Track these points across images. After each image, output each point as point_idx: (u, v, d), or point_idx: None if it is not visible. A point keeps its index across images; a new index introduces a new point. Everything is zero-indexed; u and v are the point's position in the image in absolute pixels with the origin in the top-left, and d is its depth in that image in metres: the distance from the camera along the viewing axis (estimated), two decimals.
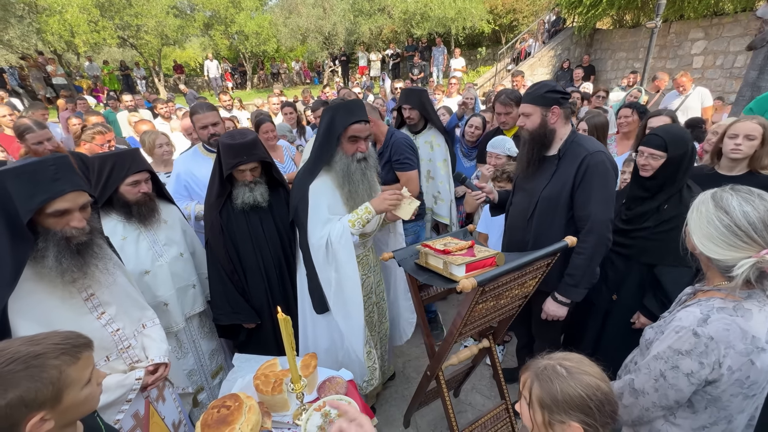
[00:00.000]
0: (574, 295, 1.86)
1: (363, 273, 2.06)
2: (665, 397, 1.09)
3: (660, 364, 1.08)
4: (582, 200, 1.78)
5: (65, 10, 12.76)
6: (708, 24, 8.39)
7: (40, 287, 1.24)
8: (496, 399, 2.53)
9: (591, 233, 1.77)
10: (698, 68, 8.72)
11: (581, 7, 10.21)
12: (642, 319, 1.93)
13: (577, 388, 0.89)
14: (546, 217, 1.88)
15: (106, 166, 1.70)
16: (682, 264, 1.78)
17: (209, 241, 2.04)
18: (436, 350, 1.82)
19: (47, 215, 1.21)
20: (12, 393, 0.76)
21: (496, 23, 13.53)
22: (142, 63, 16.92)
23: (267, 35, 16.88)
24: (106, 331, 1.39)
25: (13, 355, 0.79)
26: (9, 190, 1.14)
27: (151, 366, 1.49)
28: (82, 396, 0.88)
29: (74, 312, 1.31)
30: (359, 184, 1.89)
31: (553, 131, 1.84)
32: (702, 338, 1.00)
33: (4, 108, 4.48)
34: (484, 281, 1.33)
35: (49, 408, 0.82)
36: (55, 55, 14.52)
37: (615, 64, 10.72)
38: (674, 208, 1.78)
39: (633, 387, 1.17)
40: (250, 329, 2.15)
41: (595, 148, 1.79)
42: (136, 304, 1.56)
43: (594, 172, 1.74)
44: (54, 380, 0.81)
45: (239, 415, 1.28)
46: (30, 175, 1.17)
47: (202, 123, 2.45)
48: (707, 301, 1.07)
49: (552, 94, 1.78)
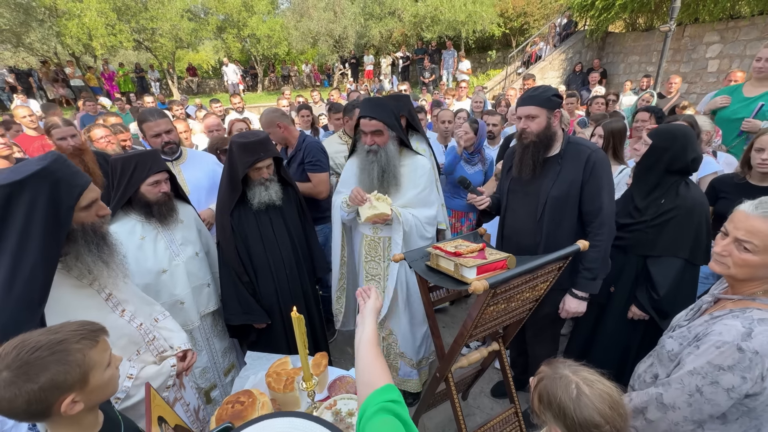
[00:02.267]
0: (593, 288, 1.90)
1: (366, 254, 2.34)
2: (699, 411, 1.07)
3: (697, 380, 1.06)
4: (592, 194, 1.84)
5: (84, 14, 13.10)
6: (724, 27, 8.25)
7: (67, 292, 1.25)
8: (504, 403, 2.53)
9: (603, 225, 1.83)
10: (713, 72, 8.57)
11: (593, 10, 10.13)
12: (635, 310, 2.03)
13: (594, 414, 0.89)
14: (555, 216, 1.92)
15: (130, 166, 1.75)
16: (672, 254, 1.89)
17: (220, 242, 2.08)
18: (445, 352, 1.83)
19: (81, 209, 1.20)
20: (44, 377, 0.81)
21: (506, 26, 13.48)
22: (157, 65, 17.27)
23: (278, 38, 17.11)
24: (132, 327, 1.43)
25: (36, 343, 0.83)
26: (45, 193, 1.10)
27: (180, 353, 1.56)
28: (106, 377, 0.93)
29: (100, 311, 1.34)
30: (366, 173, 2.16)
31: (555, 133, 1.90)
32: (747, 353, 0.98)
33: (25, 109, 4.64)
34: (495, 283, 1.34)
35: (78, 389, 0.86)
36: (73, 57, 14.89)
37: (627, 68, 10.60)
38: (671, 202, 1.88)
39: (662, 402, 1.14)
40: (260, 329, 2.19)
41: (594, 145, 1.90)
42: (144, 300, 1.61)
43: (601, 167, 1.82)
44: (80, 362, 0.86)
45: (253, 410, 1.30)
46: (58, 173, 1.14)
47: (154, 131, 2.38)
48: (743, 312, 1.04)
49: (556, 98, 1.85)
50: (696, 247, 1.86)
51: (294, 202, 2.24)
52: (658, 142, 1.89)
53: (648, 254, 1.95)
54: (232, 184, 1.99)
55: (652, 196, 1.92)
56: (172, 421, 1.15)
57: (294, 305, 2.10)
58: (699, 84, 8.81)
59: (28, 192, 1.07)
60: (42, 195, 1.08)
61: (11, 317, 1.06)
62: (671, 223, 1.87)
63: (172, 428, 1.12)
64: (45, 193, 1.09)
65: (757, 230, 1.02)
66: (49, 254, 1.12)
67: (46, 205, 1.09)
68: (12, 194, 1.06)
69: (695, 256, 1.88)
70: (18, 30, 12.50)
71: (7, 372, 0.79)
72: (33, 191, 1.07)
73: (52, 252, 1.12)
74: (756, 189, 2.05)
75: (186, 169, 2.55)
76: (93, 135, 3.02)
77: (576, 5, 10.59)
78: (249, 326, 2.16)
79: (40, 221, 1.08)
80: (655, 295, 1.91)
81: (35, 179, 1.08)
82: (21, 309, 1.07)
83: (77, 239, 1.21)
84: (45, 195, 1.09)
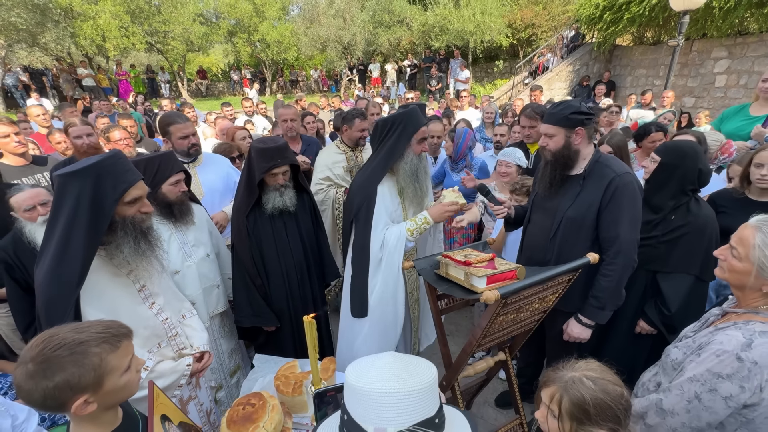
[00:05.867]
0: (599, 317, 1.82)
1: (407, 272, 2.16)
2: (697, 418, 1.09)
3: (696, 387, 1.08)
4: (609, 221, 1.75)
5: (98, 15, 13.37)
6: (732, 43, 8.27)
7: (104, 278, 1.33)
8: (508, 414, 2.52)
9: (619, 255, 1.73)
10: (721, 87, 8.58)
11: (601, 23, 10.19)
12: (642, 324, 2.01)
13: (606, 399, 0.92)
14: (570, 238, 1.86)
15: (154, 166, 1.80)
16: (683, 271, 1.88)
17: (235, 245, 2.11)
18: (452, 361, 1.84)
19: (124, 204, 1.30)
20: (59, 376, 0.83)
21: (514, 37, 13.58)
22: (167, 67, 17.52)
23: (288, 44, 17.36)
24: (158, 320, 1.48)
25: (61, 341, 0.86)
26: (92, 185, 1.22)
27: (197, 353, 1.59)
28: (122, 382, 0.95)
29: (132, 301, 1.41)
30: (422, 183, 2.07)
31: (577, 152, 1.81)
32: (746, 363, 1.00)
33: (39, 108, 4.73)
34: (507, 294, 1.35)
35: (92, 392, 0.88)
36: (86, 58, 15.15)
37: (634, 81, 10.63)
38: (682, 218, 1.87)
39: (661, 407, 1.17)
40: (269, 332, 2.20)
41: (622, 169, 1.76)
42: (176, 296, 1.66)
43: (623, 194, 1.71)
44: (95, 366, 0.88)
45: (263, 413, 1.31)
46: (108, 168, 1.25)
47: (183, 132, 2.43)
48: (746, 324, 1.07)
49: (577, 116, 1.74)
50: (706, 264, 1.85)
51: (308, 209, 2.26)
52: (666, 159, 1.88)
53: (659, 270, 1.94)
54: (249, 188, 2.03)
55: (663, 213, 1.91)
56: (176, 419, 1.16)
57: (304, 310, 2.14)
58: (706, 99, 8.82)
59: (77, 182, 1.21)
60: (88, 186, 1.21)
61: (54, 293, 1.21)
62: (683, 240, 1.86)
63: (176, 425, 1.14)
64: (90, 185, 1.22)
65: (744, 238, 1.08)
66: (91, 240, 1.23)
67: (92, 195, 1.22)
68: (65, 183, 1.21)
69: (705, 272, 1.87)
70: (34, 30, 12.74)
71: (32, 364, 0.83)
72: (81, 182, 1.21)
73: (93, 239, 1.24)
74: (755, 204, 2.05)
75: (201, 171, 2.59)
76: (112, 136, 3.08)
77: (584, 18, 10.66)
78: (258, 328, 2.18)
79: (85, 210, 1.21)
80: (666, 311, 1.90)
81: (84, 172, 1.21)
82: (62, 286, 1.21)
83: (117, 230, 1.30)
84: (90, 187, 1.22)
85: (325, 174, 2.99)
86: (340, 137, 3.19)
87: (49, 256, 1.21)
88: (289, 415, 1.49)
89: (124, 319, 1.35)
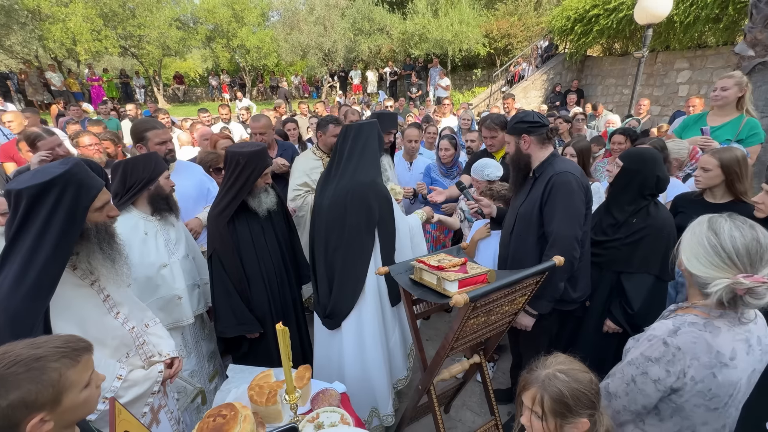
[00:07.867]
0: (539, 307, 1.95)
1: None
2: (634, 401, 1.16)
3: (632, 370, 1.16)
4: (548, 217, 1.91)
5: (68, 18, 12.92)
6: (692, 55, 8.78)
7: (69, 290, 1.30)
8: (486, 416, 2.55)
9: (552, 248, 1.86)
10: (683, 96, 9.06)
11: (573, 34, 10.61)
12: (609, 324, 2.10)
13: (580, 387, 0.99)
14: (522, 232, 2.02)
15: (151, 161, 1.92)
16: (645, 271, 1.99)
17: (216, 252, 2.05)
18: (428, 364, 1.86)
19: (95, 210, 1.30)
20: (13, 394, 0.79)
21: (491, 47, 13.94)
22: (142, 72, 17.07)
23: (268, 50, 17.22)
24: (125, 329, 1.46)
25: (15, 358, 0.82)
26: (68, 194, 1.21)
27: (168, 359, 1.58)
28: (81, 398, 0.91)
29: (98, 312, 1.39)
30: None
31: (528, 155, 2.02)
32: (670, 347, 1.08)
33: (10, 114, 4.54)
34: (475, 297, 1.39)
35: (49, 409, 0.84)
36: (55, 61, 14.59)
37: (605, 90, 11.10)
38: (642, 221, 1.98)
39: (607, 390, 1.25)
40: (252, 339, 2.17)
41: (563, 168, 1.90)
42: (138, 305, 1.63)
43: (558, 191, 1.86)
44: (54, 382, 0.84)
45: (235, 424, 1.29)
46: (78, 176, 1.24)
47: (161, 138, 2.44)
48: (682, 316, 1.15)
49: (520, 125, 1.97)
50: (665, 264, 1.96)
51: (281, 211, 2.27)
52: (628, 164, 2.00)
53: (622, 270, 2.05)
54: (237, 192, 2.00)
55: (624, 216, 2.02)
56: None
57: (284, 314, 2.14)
58: (671, 107, 9.28)
59: (52, 193, 1.18)
60: (68, 194, 1.20)
61: (21, 305, 1.15)
62: (643, 242, 1.97)
63: None
64: (71, 192, 1.20)
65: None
66: (62, 250, 1.21)
67: (69, 204, 1.20)
68: (41, 193, 1.17)
69: (664, 272, 1.98)
70: None
71: None
72: (56, 192, 1.18)
73: (65, 249, 1.22)
74: (709, 205, 2.16)
75: (174, 178, 2.53)
76: (81, 141, 3.00)
77: (557, 29, 11.07)
78: (241, 338, 2.15)
79: (59, 219, 1.19)
80: (630, 309, 2.00)
81: (55, 182, 1.18)
82: (30, 298, 1.16)
83: (90, 237, 1.30)
84: (71, 195, 1.20)
85: (303, 180, 2.98)
86: (315, 143, 3.19)
87: (13, 269, 1.16)
88: (262, 425, 1.48)
89: (92, 329, 1.33)
